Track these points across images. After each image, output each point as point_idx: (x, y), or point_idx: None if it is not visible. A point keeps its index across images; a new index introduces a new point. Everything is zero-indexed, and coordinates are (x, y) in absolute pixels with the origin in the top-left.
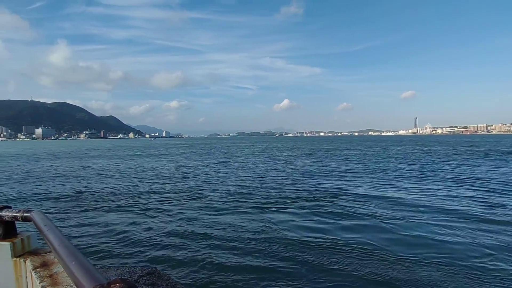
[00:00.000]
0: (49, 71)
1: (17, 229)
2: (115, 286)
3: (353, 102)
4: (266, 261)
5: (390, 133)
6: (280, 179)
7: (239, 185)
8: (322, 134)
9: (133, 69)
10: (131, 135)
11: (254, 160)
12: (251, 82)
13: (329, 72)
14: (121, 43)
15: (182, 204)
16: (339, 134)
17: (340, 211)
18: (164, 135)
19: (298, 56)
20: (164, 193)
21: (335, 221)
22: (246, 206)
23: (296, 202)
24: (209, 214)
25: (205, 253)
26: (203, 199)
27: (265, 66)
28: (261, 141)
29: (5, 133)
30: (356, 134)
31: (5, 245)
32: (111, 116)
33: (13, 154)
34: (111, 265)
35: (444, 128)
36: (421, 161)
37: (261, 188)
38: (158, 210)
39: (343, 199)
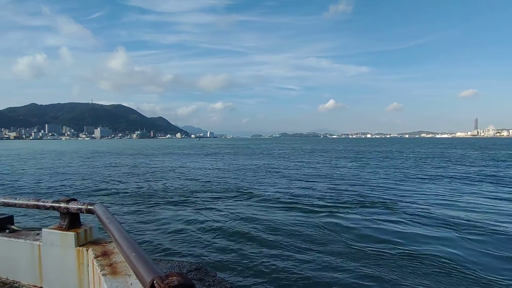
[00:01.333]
0: (109, 76)
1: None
2: (172, 279)
3: (403, 102)
4: (319, 268)
5: (445, 135)
6: (331, 182)
7: (290, 187)
8: (369, 135)
9: (182, 72)
10: (178, 135)
11: (301, 162)
12: (295, 83)
13: (378, 71)
14: (170, 47)
15: (233, 203)
16: (388, 136)
17: (403, 219)
18: (208, 135)
19: (344, 55)
20: (215, 191)
21: (399, 229)
22: (298, 209)
23: (352, 207)
24: (259, 215)
25: (252, 254)
26: (253, 199)
27: (309, 66)
28: (305, 143)
29: (68, 133)
30: (407, 136)
31: (70, 235)
32: (160, 117)
33: (78, 151)
34: (161, 258)
35: (510, 131)
36: (492, 166)
37: (314, 190)
38: (209, 208)
39: (405, 205)
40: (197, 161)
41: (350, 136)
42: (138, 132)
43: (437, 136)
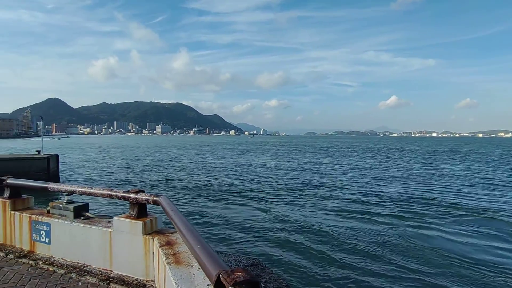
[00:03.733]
0: (171, 76)
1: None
2: (238, 274)
3: (477, 97)
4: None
5: None
6: (405, 184)
7: (353, 188)
8: (434, 134)
9: (238, 71)
10: (232, 132)
11: (364, 161)
12: (352, 79)
13: (447, 63)
14: (226, 47)
15: (294, 201)
16: (457, 135)
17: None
18: (262, 132)
19: (407, 48)
20: (275, 188)
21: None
22: (373, 213)
23: (441, 215)
24: (322, 215)
25: (312, 254)
26: (316, 199)
27: (368, 61)
28: (362, 141)
29: (134, 129)
30: (480, 135)
31: (139, 224)
32: (215, 115)
33: (143, 146)
34: (217, 251)
35: None
36: None
37: (386, 192)
38: (269, 205)
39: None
40: (254, 158)
41: (413, 135)
42: (195, 129)
43: None
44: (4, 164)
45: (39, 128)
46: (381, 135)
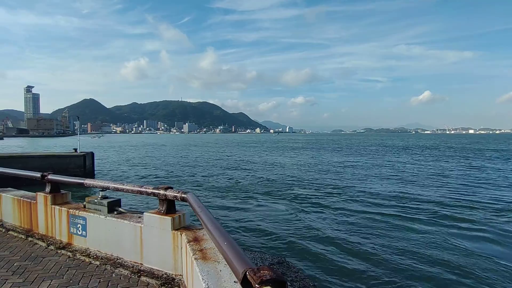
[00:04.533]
0: (199, 75)
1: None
2: (264, 273)
3: None
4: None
5: None
6: (445, 185)
7: (392, 187)
8: (471, 131)
9: (264, 68)
10: (257, 130)
11: (396, 160)
12: (381, 74)
13: (486, 55)
14: (251, 45)
15: (323, 200)
16: (497, 132)
17: None
18: (287, 130)
19: (442, 40)
20: (304, 186)
21: None
22: (409, 216)
23: (487, 220)
24: (358, 216)
25: (342, 255)
26: (350, 198)
27: (398, 55)
28: (394, 139)
29: (162, 128)
30: None
31: (167, 219)
32: (241, 113)
33: (173, 144)
34: (243, 249)
35: None
36: None
37: (425, 195)
38: (299, 203)
39: None
40: (280, 156)
41: (448, 132)
42: (221, 127)
43: None
44: (46, 161)
45: (76, 127)
46: (413, 132)
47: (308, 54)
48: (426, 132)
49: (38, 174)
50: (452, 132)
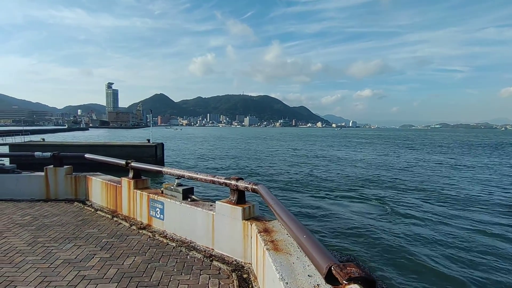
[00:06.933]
0: (263, 69)
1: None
2: (351, 270)
3: None
4: None
5: None
6: None
7: (486, 191)
8: None
9: (328, 60)
10: (318, 124)
11: (489, 161)
12: (462, 63)
13: None
14: (314, 36)
15: (402, 200)
16: None
17: None
18: (350, 125)
19: None
20: (376, 185)
21: None
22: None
23: None
24: (439, 221)
25: (416, 259)
26: (431, 200)
27: (484, 40)
28: (477, 135)
29: (224, 121)
30: None
31: (238, 209)
32: (302, 107)
33: (236, 137)
34: None
35: None
36: None
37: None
38: (369, 201)
39: None
40: (345, 151)
41: None
42: (281, 121)
43: None
44: (124, 150)
45: (148, 120)
46: (502, 129)
47: (376, 44)
48: None
49: (122, 162)
50: None
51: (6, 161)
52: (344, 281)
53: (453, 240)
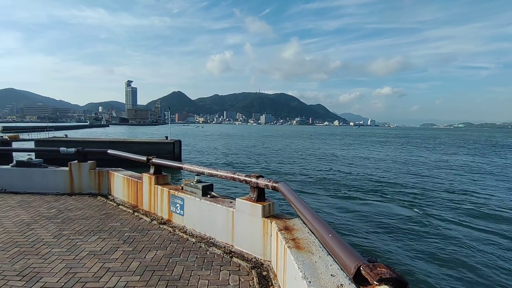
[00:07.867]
0: (281, 66)
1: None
2: (382, 270)
3: None
4: None
5: None
6: None
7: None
8: None
9: (347, 57)
10: (335, 122)
11: None
12: (487, 60)
13: None
14: (333, 33)
15: (428, 202)
16: None
17: None
18: (369, 123)
19: None
20: (399, 186)
21: None
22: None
23: None
24: (468, 225)
25: (442, 262)
26: (458, 204)
27: None
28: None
29: (240, 119)
30: None
31: (258, 206)
32: (319, 105)
33: (252, 134)
34: None
35: None
36: None
37: None
38: (393, 202)
39: None
40: (370, 150)
41: None
42: (298, 119)
43: None
44: (143, 146)
45: (166, 117)
46: None
47: (397, 40)
48: None
49: (144, 158)
50: None
51: (32, 156)
52: (374, 282)
53: (488, 248)
